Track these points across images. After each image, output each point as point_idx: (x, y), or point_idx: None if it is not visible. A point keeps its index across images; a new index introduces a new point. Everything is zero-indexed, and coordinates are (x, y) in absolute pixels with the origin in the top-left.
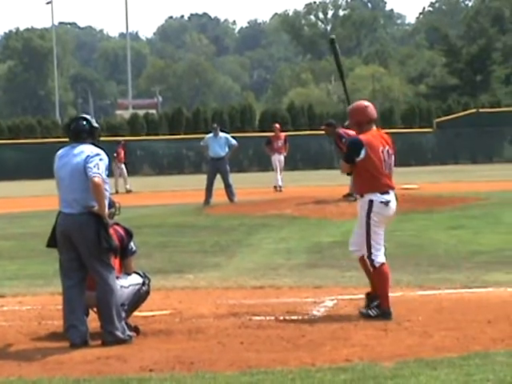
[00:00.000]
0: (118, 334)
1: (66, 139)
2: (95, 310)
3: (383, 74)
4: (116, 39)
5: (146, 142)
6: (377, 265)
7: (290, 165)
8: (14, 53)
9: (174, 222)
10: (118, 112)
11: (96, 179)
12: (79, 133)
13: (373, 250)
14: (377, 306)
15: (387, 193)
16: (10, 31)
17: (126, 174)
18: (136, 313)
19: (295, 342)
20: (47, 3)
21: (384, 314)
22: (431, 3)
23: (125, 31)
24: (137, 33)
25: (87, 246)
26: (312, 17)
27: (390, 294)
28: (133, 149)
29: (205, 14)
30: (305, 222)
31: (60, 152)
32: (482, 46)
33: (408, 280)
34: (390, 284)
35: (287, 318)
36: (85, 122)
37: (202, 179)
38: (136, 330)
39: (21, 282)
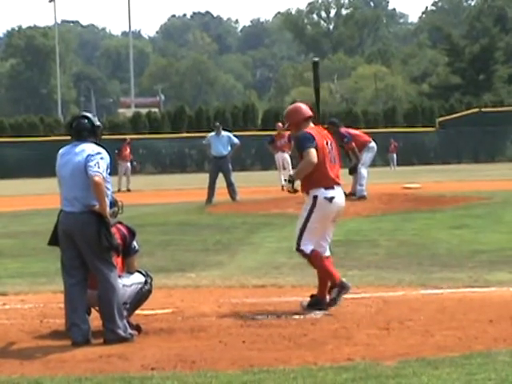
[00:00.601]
0: (120, 332)
1: (69, 137)
2: (97, 308)
3: (386, 73)
4: (119, 37)
5: (148, 141)
6: (308, 252)
7: (292, 163)
8: (17, 51)
9: (177, 220)
10: (121, 110)
11: (96, 178)
12: (81, 131)
13: (301, 242)
14: (315, 302)
15: (332, 188)
16: (13, 29)
17: (129, 173)
18: (138, 311)
19: (297, 340)
20: (50, 1)
21: (342, 286)
22: (434, 2)
23: (127, 29)
24: (139, 31)
25: (88, 245)
26: (315, 16)
27: (393, 294)
28: (135, 147)
29: (207, 12)
30: None
31: (62, 150)
32: (485, 45)
33: (410, 279)
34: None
35: (289, 316)
36: (86, 121)
37: (204, 178)
38: (138, 328)
39: (23, 280)
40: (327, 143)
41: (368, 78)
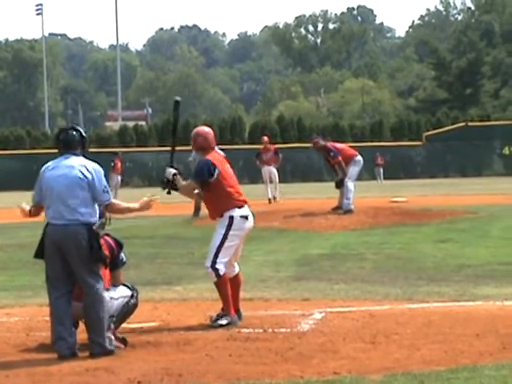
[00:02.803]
0: (106, 345)
1: (56, 150)
2: (83, 321)
3: (373, 87)
4: (106, 51)
5: (135, 154)
6: (221, 273)
7: (279, 177)
8: (4, 63)
9: (164, 233)
10: (108, 123)
11: (111, 201)
12: (70, 143)
13: (217, 260)
14: (223, 315)
15: (243, 207)
16: (0, 42)
17: (118, 186)
18: (124, 324)
19: (284, 354)
20: (37, 14)
21: (232, 321)
22: (421, 17)
23: (115, 43)
24: (127, 44)
25: (79, 257)
26: (302, 30)
27: (379, 307)
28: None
29: (195, 26)
30: (293, 235)
31: (51, 163)
32: (472, 59)
33: (397, 293)
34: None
35: (276, 330)
36: (75, 132)
37: None
38: (124, 341)
39: (9, 293)
40: (228, 168)
41: (355, 91)
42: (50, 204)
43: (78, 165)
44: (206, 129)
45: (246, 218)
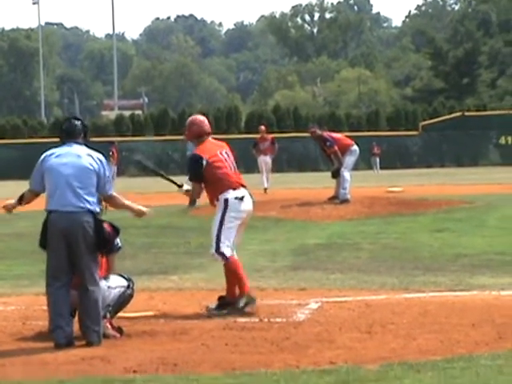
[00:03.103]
0: (101, 333)
1: (52, 139)
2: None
3: (369, 76)
4: (102, 40)
5: (131, 143)
6: (227, 255)
7: (275, 167)
8: (0, 53)
9: (160, 223)
10: (104, 113)
11: (112, 194)
12: (72, 131)
13: (221, 244)
14: (220, 304)
15: (239, 188)
16: None
17: (115, 176)
18: (120, 314)
19: (280, 344)
20: (34, 3)
21: (250, 298)
22: (417, 6)
23: (111, 32)
24: (123, 34)
25: (85, 243)
26: (298, 19)
27: (375, 297)
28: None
29: (191, 15)
30: (290, 224)
31: (52, 151)
32: (469, 49)
33: (393, 283)
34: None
35: (272, 320)
36: (77, 122)
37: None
38: (120, 330)
39: (6, 282)
40: (221, 153)
41: (351, 81)
42: (55, 191)
43: (84, 154)
44: (201, 117)
45: (241, 199)
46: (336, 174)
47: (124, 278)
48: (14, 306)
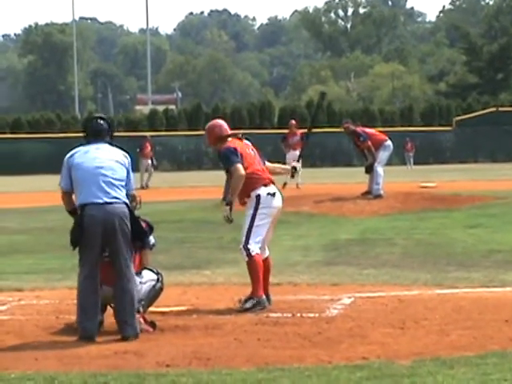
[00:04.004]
0: (137, 327)
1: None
2: (112, 305)
3: (403, 71)
4: (136, 35)
5: (165, 138)
6: (252, 253)
7: (309, 162)
8: (34, 47)
9: (193, 217)
10: (138, 107)
11: (133, 192)
12: (100, 132)
13: (250, 241)
14: (250, 298)
15: (269, 185)
16: (30, 26)
17: (151, 170)
18: (153, 308)
19: (312, 339)
20: None
21: (259, 302)
22: (452, 1)
23: (145, 27)
24: (157, 28)
25: (122, 235)
26: (332, 14)
27: (408, 293)
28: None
29: (225, 10)
30: (323, 220)
31: (79, 149)
32: (503, 44)
33: (426, 278)
34: (262, 273)
35: (304, 315)
36: (103, 121)
37: (220, 175)
38: (153, 325)
39: (38, 276)
40: (249, 149)
41: (385, 76)
42: (89, 185)
43: (114, 150)
44: (219, 120)
45: (272, 195)
46: (369, 169)
47: (153, 271)
48: (48, 299)
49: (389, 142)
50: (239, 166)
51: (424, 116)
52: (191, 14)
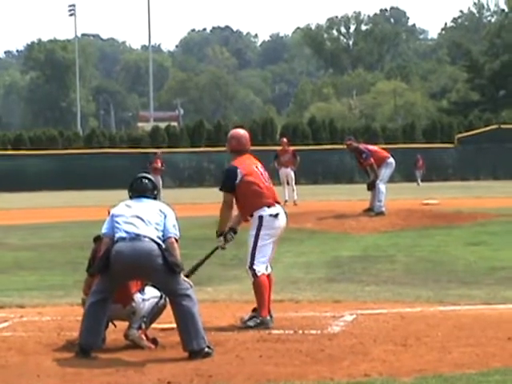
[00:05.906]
0: (205, 347)
1: (87, 150)
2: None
3: (405, 89)
4: (138, 51)
5: (167, 155)
6: (258, 274)
7: (311, 179)
8: (37, 64)
9: (194, 234)
10: (140, 124)
11: (174, 239)
12: (144, 191)
13: (255, 261)
14: (253, 316)
15: (273, 205)
16: (33, 42)
17: (160, 187)
18: (155, 325)
19: (314, 356)
20: (70, 15)
21: (263, 322)
22: (454, 19)
23: (147, 43)
24: (159, 45)
25: (159, 273)
26: (334, 31)
27: (410, 310)
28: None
29: (227, 27)
30: (325, 236)
31: (126, 202)
32: (505, 61)
33: (428, 295)
34: (268, 293)
35: (306, 331)
36: (147, 181)
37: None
38: (154, 341)
39: (41, 292)
40: (257, 167)
41: (387, 93)
42: (126, 221)
43: (154, 202)
44: (241, 131)
45: (275, 216)
46: (371, 187)
47: (157, 288)
48: (50, 316)
49: (391, 160)
50: (227, 195)
51: (426, 133)
52: (193, 30)
